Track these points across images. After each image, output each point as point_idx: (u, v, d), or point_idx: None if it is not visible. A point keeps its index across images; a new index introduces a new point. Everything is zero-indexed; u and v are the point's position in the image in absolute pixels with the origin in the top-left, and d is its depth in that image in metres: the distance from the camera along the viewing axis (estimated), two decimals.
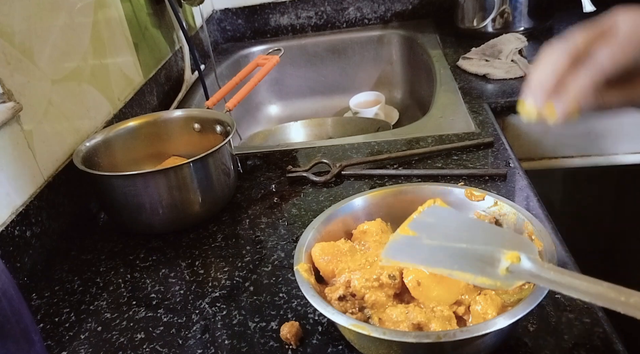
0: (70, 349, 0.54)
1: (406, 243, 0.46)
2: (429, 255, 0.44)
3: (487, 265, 0.42)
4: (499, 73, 1.01)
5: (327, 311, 0.44)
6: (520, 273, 0.41)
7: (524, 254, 0.41)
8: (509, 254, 0.41)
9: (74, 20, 0.80)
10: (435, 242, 0.44)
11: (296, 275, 0.47)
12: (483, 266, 0.42)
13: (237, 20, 1.47)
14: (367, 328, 0.41)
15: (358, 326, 0.42)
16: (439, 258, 0.43)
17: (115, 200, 0.68)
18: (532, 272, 0.40)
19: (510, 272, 0.41)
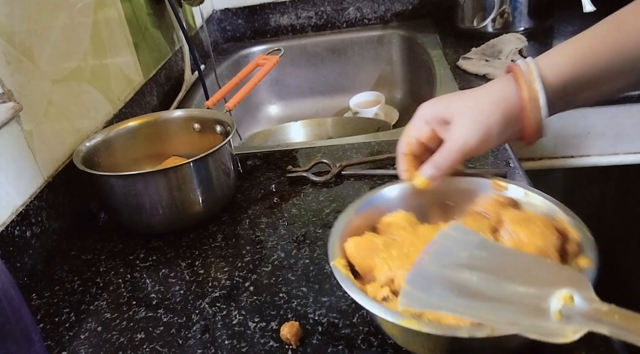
0: (70, 349, 0.54)
1: (429, 281, 0.37)
2: (460, 299, 0.36)
3: (534, 310, 0.34)
4: (499, 74, 1.01)
5: (372, 307, 0.41)
6: (576, 317, 0.33)
7: (577, 292, 0.33)
8: (559, 294, 0.34)
9: (74, 20, 0.80)
10: (465, 280, 0.36)
11: (334, 271, 0.46)
12: (530, 311, 0.34)
13: (237, 20, 1.47)
14: (420, 324, 0.38)
15: (410, 322, 0.38)
16: (474, 304, 0.35)
17: (115, 200, 0.68)
18: (590, 315, 0.32)
19: (564, 317, 0.33)
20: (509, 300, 0.35)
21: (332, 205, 0.70)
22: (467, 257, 0.39)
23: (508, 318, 0.34)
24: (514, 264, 0.38)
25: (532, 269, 0.37)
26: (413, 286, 0.38)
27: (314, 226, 0.67)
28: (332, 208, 0.69)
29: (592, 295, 0.34)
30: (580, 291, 0.34)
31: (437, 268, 0.38)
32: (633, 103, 0.89)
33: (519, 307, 0.34)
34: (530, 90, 0.48)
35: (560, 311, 0.33)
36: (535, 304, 0.34)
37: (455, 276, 0.37)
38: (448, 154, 0.51)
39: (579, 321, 0.33)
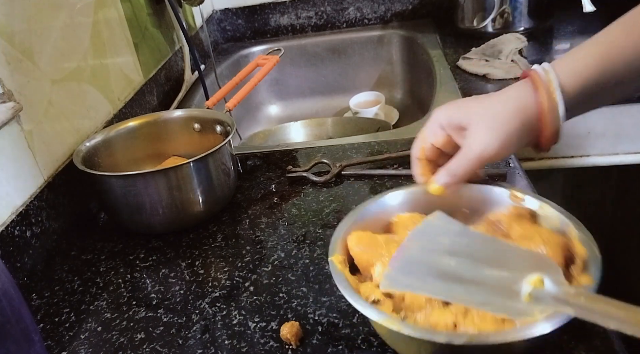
0: (70, 349, 0.54)
1: (411, 265, 0.40)
2: (438, 281, 0.38)
3: (506, 292, 0.36)
4: (499, 74, 1.01)
5: (359, 304, 0.41)
6: (545, 300, 0.36)
7: (548, 277, 0.36)
8: (530, 278, 0.36)
9: (74, 20, 0.80)
10: (444, 264, 0.39)
11: (330, 266, 0.46)
12: (502, 293, 0.36)
13: (237, 20, 1.47)
14: (399, 324, 0.39)
15: (390, 321, 0.39)
16: (451, 286, 0.38)
17: (115, 200, 0.68)
18: (558, 297, 0.35)
19: (533, 299, 0.36)
20: (484, 283, 0.37)
21: (332, 205, 0.70)
22: (447, 243, 0.41)
23: (482, 298, 0.37)
24: (492, 250, 0.40)
25: (508, 255, 0.40)
26: (395, 269, 0.40)
27: (314, 226, 0.67)
28: (332, 208, 0.70)
29: (562, 279, 0.36)
30: (551, 275, 0.36)
31: (418, 253, 0.40)
32: (633, 103, 0.89)
33: (492, 289, 0.37)
34: (550, 100, 0.47)
35: (530, 293, 0.36)
36: (508, 287, 0.37)
37: (436, 260, 0.39)
38: (465, 161, 0.50)
39: (547, 302, 0.35)
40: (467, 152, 0.50)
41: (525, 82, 0.50)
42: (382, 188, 0.72)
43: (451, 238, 0.41)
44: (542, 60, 1.03)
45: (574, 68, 0.48)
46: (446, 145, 0.53)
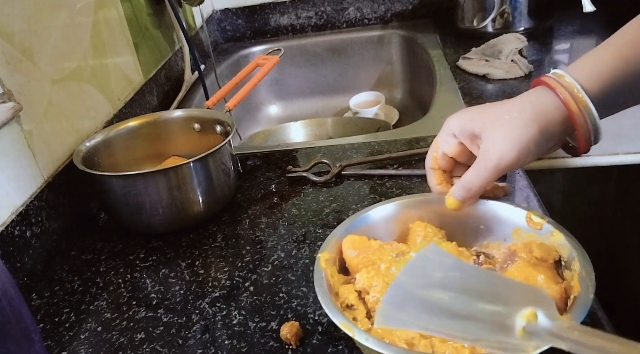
0: (70, 349, 0.54)
1: (404, 300, 0.39)
2: (432, 317, 0.38)
3: (500, 327, 0.36)
4: (499, 73, 1.01)
5: (326, 305, 0.43)
6: (539, 334, 0.35)
7: (541, 310, 0.35)
8: (524, 312, 0.36)
9: (74, 20, 0.80)
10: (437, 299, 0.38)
11: (315, 263, 0.47)
12: (496, 328, 0.36)
13: (237, 20, 1.47)
14: (354, 330, 0.40)
15: (346, 326, 0.40)
16: (444, 321, 0.37)
17: (115, 200, 0.68)
18: (552, 332, 0.34)
19: (527, 333, 0.35)
20: (477, 318, 0.37)
21: (332, 205, 0.70)
22: (441, 277, 0.40)
23: (475, 334, 0.36)
24: (485, 284, 0.40)
25: (502, 288, 0.39)
26: (388, 305, 0.39)
27: (314, 226, 0.67)
28: (332, 208, 0.70)
29: (555, 313, 0.36)
30: (544, 309, 0.35)
31: (411, 288, 0.40)
32: None
33: (486, 324, 0.36)
34: (578, 101, 0.46)
35: (524, 327, 0.35)
36: (501, 322, 0.36)
37: (429, 295, 0.39)
38: (481, 173, 0.48)
39: (541, 337, 0.35)
40: (483, 162, 0.48)
41: (541, 88, 0.48)
42: (382, 188, 0.72)
43: (445, 272, 0.41)
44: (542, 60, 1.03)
45: (590, 72, 0.46)
46: (460, 155, 0.51)
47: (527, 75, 0.99)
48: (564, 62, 1.06)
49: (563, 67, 0.49)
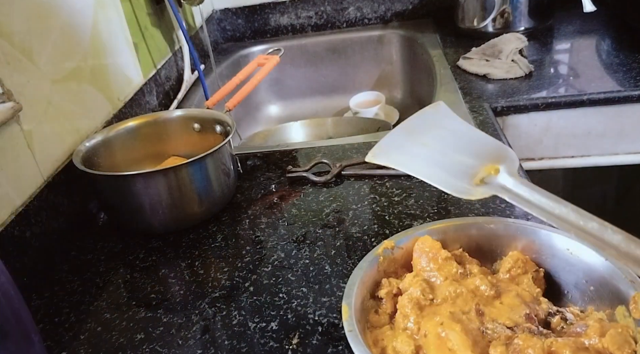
0: (70, 350, 0.54)
1: (395, 143, 0.46)
2: (411, 159, 0.45)
3: (463, 175, 0.42)
4: (499, 73, 1.01)
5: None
6: (492, 185, 0.41)
7: (504, 168, 0.41)
8: (489, 166, 0.42)
9: (74, 20, 0.80)
10: (422, 146, 0.45)
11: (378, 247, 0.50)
12: (459, 176, 0.42)
13: (237, 20, 1.47)
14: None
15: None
16: (420, 164, 0.44)
17: (115, 200, 0.68)
18: (504, 186, 0.41)
19: (484, 183, 0.42)
20: (448, 166, 0.43)
21: (332, 205, 0.70)
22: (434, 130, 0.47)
23: (440, 177, 0.43)
24: (469, 140, 0.46)
25: (481, 146, 0.45)
26: (381, 147, 0.46)
27: (314, 226, 0.67)
28: (332, 208, 0.69)
29: (514, 172, 0.42)
30: (507, 167, 0.41)
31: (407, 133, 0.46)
32: (633, 103, 0.89)
33: (453, 172, 0.43)
34: None
35: (483, 178, 0.42)
36: (466, 171, 0.43)
37: (418, 141, 0.46)
38: None
39: (492, 187, 0.41)
40: None
41: None
42: (382, 188, 0.72)
43: (441, 128, 0.47)
44: (542, 60, 1.03)
45: None
46: None
47: (528, 75, 0.99)
48: (564, 62, 1.06)
49: (563, 66, 0.50)
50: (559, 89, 0.93)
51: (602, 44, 1.09)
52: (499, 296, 0.45)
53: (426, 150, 0.45)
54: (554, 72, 1.01)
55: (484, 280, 0.46)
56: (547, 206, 0.38)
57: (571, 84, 0.95)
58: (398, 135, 0.47)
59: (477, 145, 0.45)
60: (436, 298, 0.46)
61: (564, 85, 0.94)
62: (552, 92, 0.92)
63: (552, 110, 0.91)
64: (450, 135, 0.46)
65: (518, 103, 0.91)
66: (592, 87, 0.91)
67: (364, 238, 0.63)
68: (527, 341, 0.40)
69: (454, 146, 0.45)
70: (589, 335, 0.41)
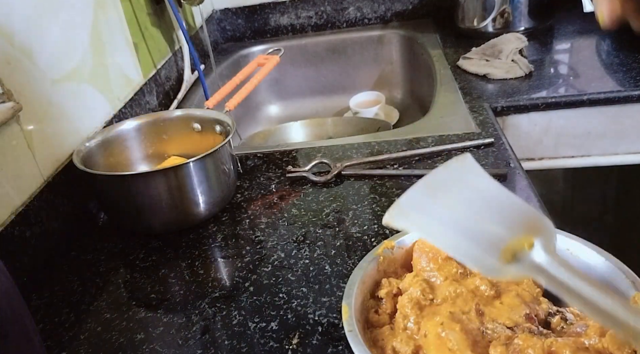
0: (70, 350, 0.54)
1: (416, 203, 0.39)
2: (434, 224, 0.38)
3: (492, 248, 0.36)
4: (499, 73, 1.01)
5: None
6: (525, 264, 0.35)
7: (540, 242, 0.35)
8: (521, 238, 0.35)
9: (74, 19, 0.80)
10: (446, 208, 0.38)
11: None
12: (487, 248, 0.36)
13: (237, 20, 1.47)
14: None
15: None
16: (443, 231, 0.38)
17: (115, 200, 0.68)
18: (539, 265, 0.34)
19: (516, 259, 0.35)
20: (476, 236, 0.37)
21: (332, 205, 0.70)
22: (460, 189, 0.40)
23: (465, 249, 0.36)
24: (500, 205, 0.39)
25: (513, 212, 0.39)
26: (400, 207, 0.40)
27: (314, 226, 0.67)
28: (332, 208, 0.69)
29: (552, 247, 0.35)
30: (543, 241, 0.35)
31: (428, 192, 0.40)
32: (634, 103, 0.89)
33: (480, 243, 0.36)
34: None
35: (515, 253, 0.35)
36: (496, 243, 0.36)
37: (441, 202, 0.39)
38: None
39: (524, 266, 0.35)
40: None
41: None
42: (382, 188, 0.72)
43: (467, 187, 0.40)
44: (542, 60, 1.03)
45: None
46: None
47: (528, 75, 0.99)
48: (564, 62, 1.06)
49: (563, 66, 0.48)
50: (559, 89, 0.93)
51: (602, 44, 1.09)
52: (499, 296, 0.45)
53: (450, 214, 0.39)
54: (554, 72, 1.01)
55: (484, 279, 0.46)
56: (590, 296, 0.31)
57: (571, 84, 0.95)
58: (419, 192, 0.40)
59: (508, 211, 0.39)
60: (436, 298, 0.46)
61: (564, 85, 0.94)
62: (552, 92, 0.92)
63: (552, 110, 0.91)
64: (477, 196, 0.40)
65: (518, 103, 0.91)
66: (592, 87, 0.91)
67: (364, 238, 0.63)
68: (527, 341, 0.40)
69: (482, 211, 0.39)
70: (589, 335, 0.41)
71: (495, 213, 0.38)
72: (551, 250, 0.35)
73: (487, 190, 0.40)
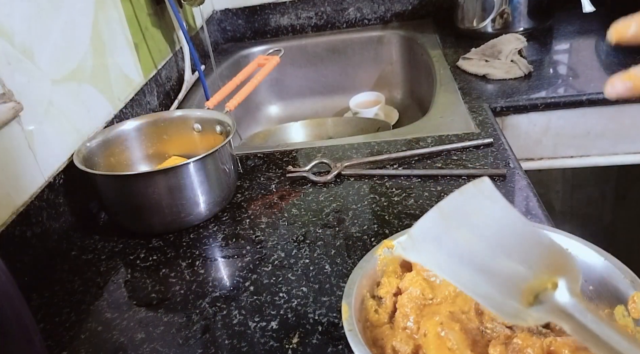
0: (71, 349, 0.54)
1: (430, 234, 0.37)
2: (449, 259, 0.35)
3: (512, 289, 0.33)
4: (499, 74, 1.01)
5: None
6: (548, 307, 0.32)
7: (565, 283, 0.32)
8: (544, 278, 0.33)
9: (74, 20, 0.80)
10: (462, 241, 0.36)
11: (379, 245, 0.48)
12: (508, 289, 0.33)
13: (237, 21, 1.47)
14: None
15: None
16: (459, 268, 0.35)
17: (116, 200, 0.68)
18: (564, 309, 0.31)
19: (538, 301, 0.33)
20: (495, 273, 0.34)
21: (332, 205, 0.70)
22: (477, 221, 0.37)
23: (484, 290, 0.34)
24: (521, 239, 0.36)
25: (535, 248, 0.36)
26: (413, 239, 0.37)
27: (314, 226, 0.67)
28: (332, 208, 0.70)
29: (577, 289, 0.32)
30: (568, 281, 0.32)
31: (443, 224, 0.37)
32: (633, 104, 0.89)
33: (500, 282, 0.34)
34: None
35: (537, 294, 0.33)
36: (516, 283, 0.33)
37: (457, 236, 0.36)
38: None
39: (547, 309, 0.32)
40: None
41: None
42: (382, 188, 0.72)
43: (485, 217, 0.37)
44: (542, 60, 1.03)
45: None
46: None
47: (527, 75, 1.00)
48: (563, 63, 1.06)
49: (563, 67, 0.46)
50: (558, 89, 0.93)
51: (602, 45, 1.09)
52: None
53: (466, 248, 0.36)
54: (553, 72, 1.01)
55: None
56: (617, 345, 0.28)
57: (570, 84, 0.95)
58: (433, 221, 0.37)
59: (530, 246, 0.35)
60: (436, 298, 0.46)
61: (563, 86, 0.95)
62: (551, 92, 0.93)
63: (552, 110, 0.92)
64: (496, 228, 0.36)
65: (517, 103, 0.91)
66: (591, 87, 0.91)
67: (364, 238, 0.63)
68: (526, 341, 0.40)
69: (501, 245, 0.35)
70: None
71: (516, 247, 0.35)
72: (577, 292, 0.32)
73: (506, 221, 0.37)
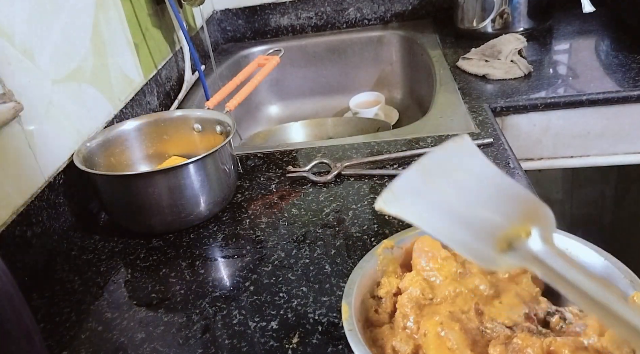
0: (71, 349, 0.54)
1: (409, 188, 0.37)
2: (428, 210, 0.36)
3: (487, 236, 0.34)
4: (499, 74, 1.01)
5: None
6: (521, 254, 0.33)
7: (537, 230, 0.33)
8: (518, 226, 0.34)
9: (75, 20, 0.80)
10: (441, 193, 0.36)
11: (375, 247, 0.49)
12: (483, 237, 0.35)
13: (237, 21, 1.47)
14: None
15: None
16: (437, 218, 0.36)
17: (116, 200, 0.68)
18: (536, 255, 0.32)
19: (512, 248, 0.33)
20: (471, 222, 0.35)
21: (332, 205, 0.70)
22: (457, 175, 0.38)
23: (460, 237, 0.35)
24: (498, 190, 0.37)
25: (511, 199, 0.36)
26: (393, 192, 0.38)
27: (314, 226, 0.67)
28: (332, 208, 0.70)
29: (549, 237, 0.33)
30: (541, 229, 0.33)
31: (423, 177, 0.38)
32: (633, 104, 0.90)
33: (476, 230, 0.35)
34: None
35: (511, 242, 0.33)
36: (491, 231, 0.34)
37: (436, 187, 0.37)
38: None
39: (520, 256, 0.33)
40: None
41: None
42: (382, 188, 0.72)
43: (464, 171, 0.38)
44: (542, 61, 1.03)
45: None
46: None
47: (527, 76, 1.00)
48: (563, 63, 1.06)
49: (563, 67, 0.47)
50: (558, 89, 0.94)
51: (601, 45, 1.09)
52: (498, 295, 0.45)
53: (445, 200, 0.37)
54: (553, 72, 1.01)
55: (483, 279, 0.46)
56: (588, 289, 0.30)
57: (570, 84, 0.95)
58: (413, 176, 0.38)
59: (506, 197, 0.37)
60: (436, 298, 0.46)
61: (563, 86, 0.95)
62: (551, 93, 0.93)
63: (551, 110, 0.92)
64: (474, 181, 0.38)
65: (517, 103, 0.91)
66: (591, 87, 0.92)
67: (364, 238, 0.63)
68: (526, 341, 0.40)
69: (478, 196, 0.37)
70: (588, 334, 0.41)
71: (492, 198, 0.36)
72: (549, 239, 0.33)
73: (483, 174, 0.38)
